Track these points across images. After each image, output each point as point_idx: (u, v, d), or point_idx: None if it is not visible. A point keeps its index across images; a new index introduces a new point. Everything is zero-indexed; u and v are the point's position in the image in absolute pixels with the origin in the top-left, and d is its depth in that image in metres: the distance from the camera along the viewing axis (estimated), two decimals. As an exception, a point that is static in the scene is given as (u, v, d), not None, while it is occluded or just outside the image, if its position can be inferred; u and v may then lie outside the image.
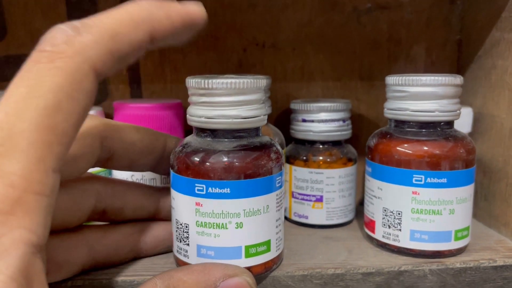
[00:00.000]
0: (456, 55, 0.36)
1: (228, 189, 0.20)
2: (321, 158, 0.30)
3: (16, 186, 0.13)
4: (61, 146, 0.14)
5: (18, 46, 0.33)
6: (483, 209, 0.32)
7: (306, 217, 0.30)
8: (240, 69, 0.34)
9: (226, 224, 0.21)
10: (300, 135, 0.31)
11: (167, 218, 0.25)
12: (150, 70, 0.34)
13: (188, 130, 0.31)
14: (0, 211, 0.13)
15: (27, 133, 0.14)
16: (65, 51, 0.14)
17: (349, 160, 0.30)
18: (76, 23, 0.15)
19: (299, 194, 0.30)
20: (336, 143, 0.31)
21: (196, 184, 0.20)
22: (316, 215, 0.30)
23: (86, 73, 0.15)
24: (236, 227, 0.21)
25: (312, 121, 0.30)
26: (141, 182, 0.28)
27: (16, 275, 0.13)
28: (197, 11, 0.17)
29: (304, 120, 0.30)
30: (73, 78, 0.14)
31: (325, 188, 0.30)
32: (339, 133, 0.30)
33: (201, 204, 0.21)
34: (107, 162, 0.22)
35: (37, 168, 0.14)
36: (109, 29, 0.15)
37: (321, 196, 0.30)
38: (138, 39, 0.16)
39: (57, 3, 0.32)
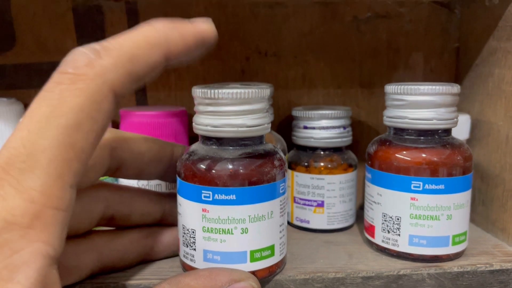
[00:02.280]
0: (454, 63, 0.36)
1: (234, 196, 0.21)
2: (322, 164, 0.31)
3: (36, 201, 0.14)
4: (79, 163, 0.15)
5: (27, 55, 0.33)
6: (480, 214, 0.32)
7: (308, 222, 0.31)
8: (243, 77, 0.35)
9: (231, 229, 0.21)
10: (301, 142, 0.31)
11: (173, 224, 0.25)
12: (155, 78, 0.34)
13: (192, 136, 0.31)
14: (20, 225, 0.14)
15: (48, 151, 0.14)
16: (86, 73, 0.15)
17: (350, 166, 0.31)
18: (96, 46, 0.16)
19: (301, 199, 0.31)
20: (337, 150, 0.31)
21: (203, 191, 0.21)
22: (317, 219, 0.31)
23: (106, 94, 0.16)
24: (241, 233, 0.21)
25: (314, 128, 0.31)
26: (147, 187, 0.28)
27: (35, 285, 0.14)
28: (208, 28, 0.18)
29: (305, 127, 0.31)
30: (93, 99, 0.15)
31: (326, 193, 0.30)
32: (339, 139, 0.31)
33: (208, 210, 0.21)
34: (116, 171, 0.23)
35: (56, 184, 0.15)
36: (127, 52, 0.16)
37: (322, 201, 0.30)
38: (154, 61, 0.17)
39: (64, 13, 0.33)
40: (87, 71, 0.15)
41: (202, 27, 0.18)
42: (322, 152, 0.31)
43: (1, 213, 0.14)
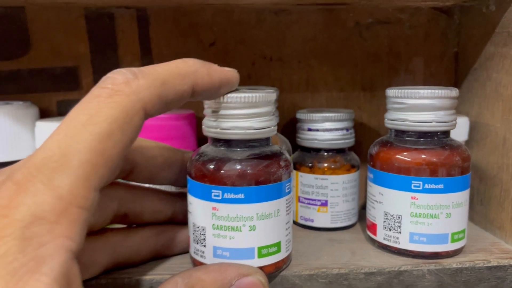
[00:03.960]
0: (453, 67, 0.37)
1: (242, 195, 0.22)
2: (326, 164, 0.32)
3: (63, 199, 0.15)
4: (106, 169, 0.16)
5: (41, 60, 0.34)
6: (479, 213, 0.33)
7: (312, 221, 0.32)
8: (249, 81, 0.36)
9: (240, 227, 0.22)
10: (306, 143, 0.32)
11: (184, 222, 0.26)
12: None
13: (200, 138, 0.32)
14: (47, 220, 0.15)
15: (80, 154, 0.15)
16: (123, 90, 0.17)
17: (352, 167, 0.32)
18: (135, 69, 0.18)
19: (305, 198, 0.32)
20: (340, 151, 0.32)
21: (213, 190, 0.22)
22: (321, 218, 0.32)
23: (138, 111, 0.17)
24: (249, 230, 0.22)
25: (317, 130, 0.32)
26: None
27: (59, 278, 0.15)
28: (233, 73, 0.21)
29: (309, 129, 0.32)
30: (126, 113, 0.17)
31: (329, 193, 0.31)
32: (342, 141, 0.32)
33: (217, 209, 0.22)
34: (130, 174, 0.24)
35: (83, 185, 0.16)
36: (160, 78, 0.18)
37: (326, 201, 0.31)
38: (183, 90, 0.19)
39: (77, 20, 0.34)
40: (124, 88, 0.17)
41: (228, 71, 0.21)
42: (325, 153, 0.32)
43: (31, 208, 0.15)
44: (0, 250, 0.14)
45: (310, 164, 0.32)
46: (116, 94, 0.17)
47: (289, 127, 0.36)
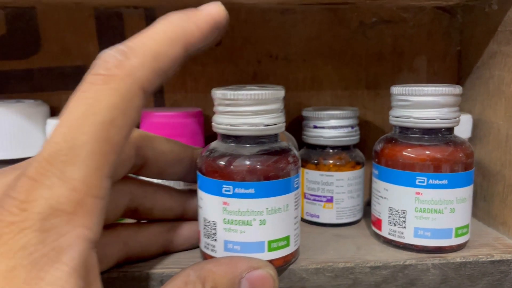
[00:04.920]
0: (456, 66, 0.38)
1: (253, 190, 0.22)
2: (331, 161, 0.32)
3: (78, 190, 0.15)
4: (114, 155, 0.16)
5: (51, 59, 0.35)
6: (482, 209, 0.34)
7: (318, 217, 0.33)
8: (255, 80, 0.37)
9: (250, 221, 0.23)
10: (311, 141, 0.33)
11: (193, 219, 0.26)
12: (172, 81, 0.36)
13: (208, 135, 0.33)
14: (65, 212, 0.15)
15: (87, 145, 0.16)
16: (117, 74, 0.16)
17: (357, 164, 0.33)
18: (122, 47, 0.17)
19: (311, 195, 0.33)
20: (345, 148, 0.33)
21: (224, 185, 0.23)
22: (327, 214, 0.32)
23: (136, 92, 0.17)
24: (259, 224, 0.23)
25: (323, 127, 0.32)
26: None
27: (78, 267, 0.15)
28: (218, 11, 0.19)
29: (315, 127, 0.33)
30: (125, 97, 0.16)
31: (335, 189, 0.32)
32: (347, 138, 0.32)
33: (228, 203, 0.23)
34: (141, 169, 0.24)
35: (95, 174, 0.16)
36: (151, 51, 0.17)
37: (332, 197, 0.32)
38: (176, 54, 0.18)
39: (87, 19, 0.35)
40: (118, 72, 0.16)
41: (213, 11, 0.19)
42: (331, 150, 0.33)
43: (48, 201, 0.15)
44: (21, 242, 0.14)
45: (315, 161, 0.32)
46: (111, 80, 0.16)
47: (294, 124, 0.37)
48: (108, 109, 0.16)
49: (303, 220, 0.33)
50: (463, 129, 0.33)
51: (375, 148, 0.29)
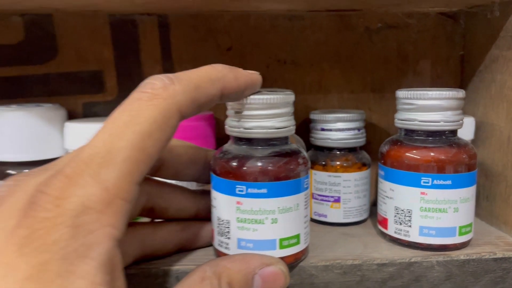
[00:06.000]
0: (459, 69, 0.38)
1: (265, 190, 0.23)
2: (338, 163, 0.33)
3: (109, 191, 0.16)
4: (145, 165, 0.18)
5: (68, 64, 0.36)
6: (485, 209, 0.34)
7: (325, 216, 0.33)
8: (263, 84, 0.37)
9: (263, 220, 0.24)
10: (319, 143, 0.34)
11: (206, 218, 0.27)
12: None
13: (219, 138, 0.34)
14: (95, 210, 0.16)
15: (124, 151, 0.17)
16: (161, 94, 0.18)
17: (364, 165, 0.34)
18: (171, 75, 0.20)
19: (319, 195, 0.34)
20: (351, 150, 0.34)
21: (237, 186, 0.24)
22: (334, 214, 0.33)
23: (174, 112, 0.19)
24: (271, 222, 0.24)
25: (330, 130, 0.33)
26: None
27: (105, 263, 0.16)
28: (256, 76, 0.23)
29: (322, 129, 0.34)
30: (164, 114, 0.18)
31: (342, 190, 0.33)
32: (354, 140, 0.33)
33: (242, 203, 0.24)
34: (157, 171, 0.25)
35: (127, 179, 0.17)
36: (194, 83, 0.20)
37: (339, 197, 0.33)
38: (213, 93, 0.21)
39: (102, 26, 0.36)
40: (162, 92, 0.18)
41: (252, 74, 0.23)
42: (338, 152, 0.33)
43: (81, 199, 0.16)
44: (54, 236, 0.15)
45: (323, 163, 0.33)
46: (155, 98, 0.18)
47: (302, 127, 0.38)
48: (148, 122, 0.18)
49: (311, 219, 0.34)
50: (466, 131, 0.34)
51: (381, 150, 0.30)
